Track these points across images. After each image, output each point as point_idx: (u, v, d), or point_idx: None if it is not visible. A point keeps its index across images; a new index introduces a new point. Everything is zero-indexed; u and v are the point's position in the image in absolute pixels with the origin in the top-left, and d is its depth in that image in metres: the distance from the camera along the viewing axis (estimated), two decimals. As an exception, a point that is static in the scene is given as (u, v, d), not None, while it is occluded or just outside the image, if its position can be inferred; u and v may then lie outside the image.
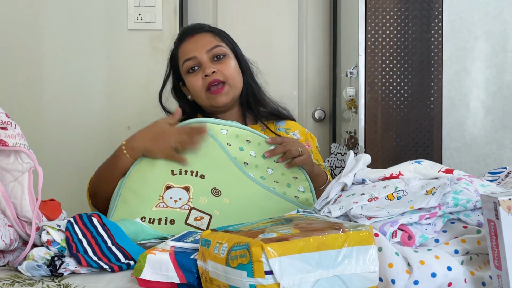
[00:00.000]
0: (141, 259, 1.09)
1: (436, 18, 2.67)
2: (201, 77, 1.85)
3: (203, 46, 1.88)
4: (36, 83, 2.95)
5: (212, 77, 1.84)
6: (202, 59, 1.86)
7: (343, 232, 0.95)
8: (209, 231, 1.01)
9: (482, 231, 1.07)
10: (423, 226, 1.08)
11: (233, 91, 1.87)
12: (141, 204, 1.53)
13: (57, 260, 1.16)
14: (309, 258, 0.91)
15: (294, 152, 1.62)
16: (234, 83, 1.87)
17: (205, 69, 1.85)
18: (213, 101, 1.86)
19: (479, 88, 2.89)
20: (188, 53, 1.88)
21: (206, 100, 1.87)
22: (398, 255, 1.00)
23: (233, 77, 1.87)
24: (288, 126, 1.98)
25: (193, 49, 1.88)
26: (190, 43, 1.90)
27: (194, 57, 1.87)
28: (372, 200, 1.15)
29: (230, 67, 1.87)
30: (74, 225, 1.21)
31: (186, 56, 1.88)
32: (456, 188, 1.13)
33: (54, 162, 2.92)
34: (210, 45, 1.88)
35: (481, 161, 2.89)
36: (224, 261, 0.93)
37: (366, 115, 2.67)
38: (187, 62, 1.88)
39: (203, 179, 1.56)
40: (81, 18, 2.95)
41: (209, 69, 1.84)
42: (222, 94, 1.85)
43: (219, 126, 1.61)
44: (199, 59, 1.87)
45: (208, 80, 1.84)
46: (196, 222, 1.48)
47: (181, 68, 1.91)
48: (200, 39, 1.90)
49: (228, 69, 1.86)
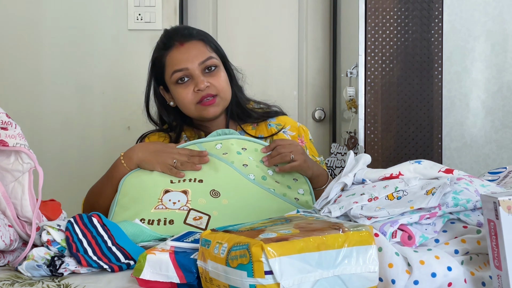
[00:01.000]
0: (141, 259, 1.09)
1: (436, 18, 2.67)
2: (192, 90, 1.80)
3: (195, 57, 1.81)
4: (36, 83, 2.95)
5: (205, 92, 1.79)
6: (194, 72, 1.80)
7: (343, 232, 0.95)
8: (209, 231, 1.01)
9: (482, 231, 1.07)
10: (423, 226, 1.08)
11: (223, 102, 1.83)
12: (140, 207, 1.53)
13: (57, 260, 1.16)
14: (309, 258, 0.91)
15: (285, 158, 1.63)
16: (225, 96, 1.83)
17: (198, 83, 1.79)
18: (203, 112, 1.81)
19: (479, 88, 2.89)
20: (179, 64, 1.81)
21: (195, 111, 1.83)
22: (398, 255, 1.00)
23: (224, 90, 1.82)
24: (278, 122, 1.94)
25: (185, 60, 1.81)
26: (180, 52, 1.82)
27: (186, 69, 1.80)
28: (372, 200, 1.15)
29: (222, 80, 1.82)
30: (74, 225, 1.21)
31: (177, 67, 1.81)
32: (456, 188, 1.12)
33: (54, 162, 2.92)
34: (202, 56, 1.81)
35: (481, 161, 2.89)
36: (224, 261, 0.93)
37: (366, 115, 2.67)
38: (177, 73, 1.81)
39: (201, 182, 1.57)
40: (81, 18, 2.95)
41: (202, 84, 1.78)
42: (213, 106, 1.81)
43: (214, 143, 1.66)
44: (191, 71, 1.80)
45: (200, 95, 1.79)
46: (195, 222, 1.48)
47: (168, 77, 1.83)
48: (191, 48, 1.83)
49: (220, 82, 1.81)
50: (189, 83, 1.81)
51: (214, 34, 3.16)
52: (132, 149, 1.67)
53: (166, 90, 1.89)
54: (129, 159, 1.65)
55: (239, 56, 3.00)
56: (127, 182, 1.61)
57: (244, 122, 1.93)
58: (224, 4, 3.19)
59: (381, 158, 2.65)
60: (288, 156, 1.63)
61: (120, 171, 1.64)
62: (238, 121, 1.92)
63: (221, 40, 3.06)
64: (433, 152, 2.68)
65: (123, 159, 1.65)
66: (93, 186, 1.75)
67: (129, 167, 1.64)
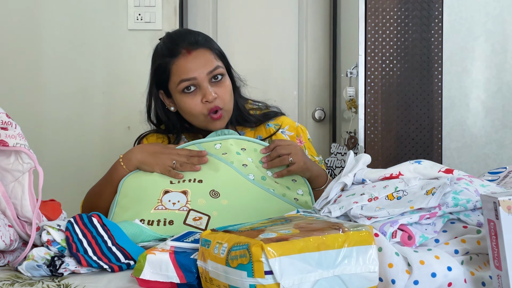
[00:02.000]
0: (141, 259, 1.09)
1: (436, 18, 2.68)
2: (200, 100, 1.77)
3: (203, 66, 1.78)
4: (36, 83, 2.96)
5: (213, 104, 1.77)
6: (203, 82, 1.77)
7: (343, 232, 0.95)
8: (209, 231, 1.01)
9: (482, 231, 1.07)
10: (423, 226, 1.08)
11: (227, 114, 1.82)
12: (140, 208, 1.53)
13: (57, 260, 1.16)
14: (309, 258, 0.91)
15: (284, 161, 1.63)
16: (229, 108, 1.82)
17: (206, 94, 1.76)
18: (210, 125, 1.80)
19: (479, 88, 2.89)
20: (187, 73, 1.77)
21: (203, 123, 1.81)
22: (398, 255, 1.00)
23: (229, 101, 1.81)
24: (277, 122, 1.93)
25: (193, 69, 1.77)
26: (188, 61, 1.78)
27: (194, 78, 1.76)
28: (372, 200, 1.15)
29: (228, 91, 1.81)
30: (74, 225, 1.22)
31: (184, 76, 1.77)
32: (456, 188, 1.12)
33: (54, 162, 2.92)
34: (211, 66, 1.78)
35: (481, 161, 2.89)
36: (224, 261, 0.93)
37: (366, 115, 2.67)
38: (184, 83, 1.77)
39: (201, 183, 1.57)
40: (81, 18, 2.95)
41: (210, 95, 1.76)
42: (220, 120, 1.79)
43: (213, 143, 1.67)
44: (199, 81, 1.77)
45: (209, 106, 1.77)
46: (195, 222, 1.48)
47: (174, 85, 1.80)
48: (199, 57, 1.79)
49: (226, 94, 1.80)
50: (196, 93, 1.78)
51: (214, 34, 3.17)
52: (131, 151, 1.67)
53: (166, 95, 1.86)
54: (128, 161, 1.65)
55: (239, 56, 3.01)
56: (126, 183, 1.61)
57: (243, 126, 1.92)
58: (224, 4, 3.19)
59: (381, 158, 2.65)
60: (286, 159, 1.63)
61: (119, 173, 1.65)
62: (236, 125, 1.91)
63: (221, 40, 3.07)
64: (433, 152, 2.68)
65: (122, 161, 1.65)
66: (92, 188, 1.75)
67: (128, 169, 1.64)
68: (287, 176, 1.65)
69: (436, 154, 2.68)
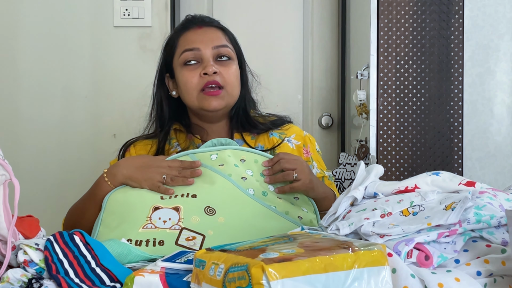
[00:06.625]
0: (129, 282, 1.09)
1: (456, 14, 2.68)
2: (199, 74, 1.81)
3: (210, 40, 1.85)
4: (12, 85, 2.95)
5: (212, 77, 1.80)
6: (206, 54, 1.83)
7: (353, 251, 0.95)
8: (203, 251, 1.01)
9: (508, 251, 1.07)
10: (441, 245, 1.09)
11: (228, 98, 1.84)
12: (126, 226, 1.52)
13: (35, 282, 1.16)
14: (315, 281, 0.91)
15: (288, 177, 1.63)
16: (232, 91, 1.84)
17: (206, 66, 1.81)
18: (205, 103, 1.82)
19: (504, 91, 2.89)
20: (192, 43, 1.85)
21: (196, 101, 1.83)
22: (414, 277, 1.00)
23: (233, 84, 1.84)
24: (282, 130, 1.95)
25: (199, 40, 1.85)
26: (196, 33, 1.87)
27: (197, 49, 1.84)
28: (385, 216, 1.16)
29: (233, 73, 1.84)
30: (54, 244, 1.22)
31: (188, 46, 1.85)
32: (479, 202, 1.13)
33: (32, 174, 2.92)
34: (218, 42, 1.86)
35: (506, 172, 2.89)
36: (220, 284, 0.93)
37: (378, 122, 2.67)
38: (187, 53, 1.84)
39: (195, 198, 1.57)
40: (61, 14, 2.95)
41: (211, 68, 1.80)
42: (217, 98, 1.81)
43: (208, 153, 1.66)
44: (202, 53, 1.83)
45: (206, 79, 1.80)
46: (188, 243, 1.47)
47: (177, 58, 1.87)
48: (208, 32, 1.88)
49: (230, 74, 1.83)
50: (197, 67, 1.84)
51: (210, 32, 3.17)
52: (116, 165, 1.67)
53: (171, 76, 1.91)
54: (113, 177, 1.64)
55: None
56: (112, 199, 1.61)
57: (248, 132, 1.93)
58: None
59: (395, 169, 2.65)
60: (291, 175, 1.63)
61: (103, 190, 1.64)
62: (241, 129, 1.91)
63: (217, 38, 3.07)
64: (453, 163, 2.69)
65: (107, 177, 1.65)
66: (74, 205, 1.75)
67: (113, 185, 1.64)
68: (290, 193, 1.65)
69: (456, 165, 2.69)
